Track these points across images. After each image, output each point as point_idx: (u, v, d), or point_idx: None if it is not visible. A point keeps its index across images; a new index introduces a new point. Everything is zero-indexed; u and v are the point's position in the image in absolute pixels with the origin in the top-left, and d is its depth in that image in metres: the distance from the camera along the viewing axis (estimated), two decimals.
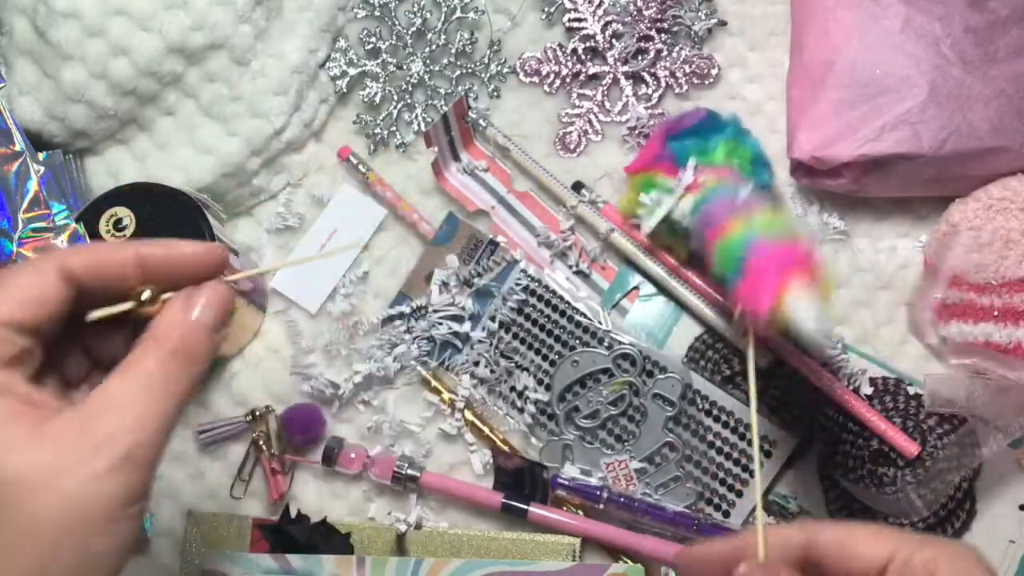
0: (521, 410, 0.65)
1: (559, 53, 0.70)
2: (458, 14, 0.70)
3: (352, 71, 0.70)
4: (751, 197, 0.56)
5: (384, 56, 0.70)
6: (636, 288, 0.67)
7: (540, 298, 0.66)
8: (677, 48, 0.70)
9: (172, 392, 0.38)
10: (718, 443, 0.63)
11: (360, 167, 0.69)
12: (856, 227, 0.67)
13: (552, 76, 0.70)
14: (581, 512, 0.63)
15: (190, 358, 0.39)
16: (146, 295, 0.40)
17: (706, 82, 0.70)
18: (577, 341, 0.65)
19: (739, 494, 0.63)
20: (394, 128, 0.70)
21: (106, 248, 0.41)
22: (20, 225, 0.59)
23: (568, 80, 0.70)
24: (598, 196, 0.68)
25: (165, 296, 0.40)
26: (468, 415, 0.65)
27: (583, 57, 0.70)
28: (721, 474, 0.63)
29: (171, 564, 0.64)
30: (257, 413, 0.65)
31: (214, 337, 0.40)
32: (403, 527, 0.63)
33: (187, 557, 0.63)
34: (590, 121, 0.70)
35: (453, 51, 0.70)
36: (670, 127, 0.63)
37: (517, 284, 0.66)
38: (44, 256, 0.40)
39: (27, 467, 0.35)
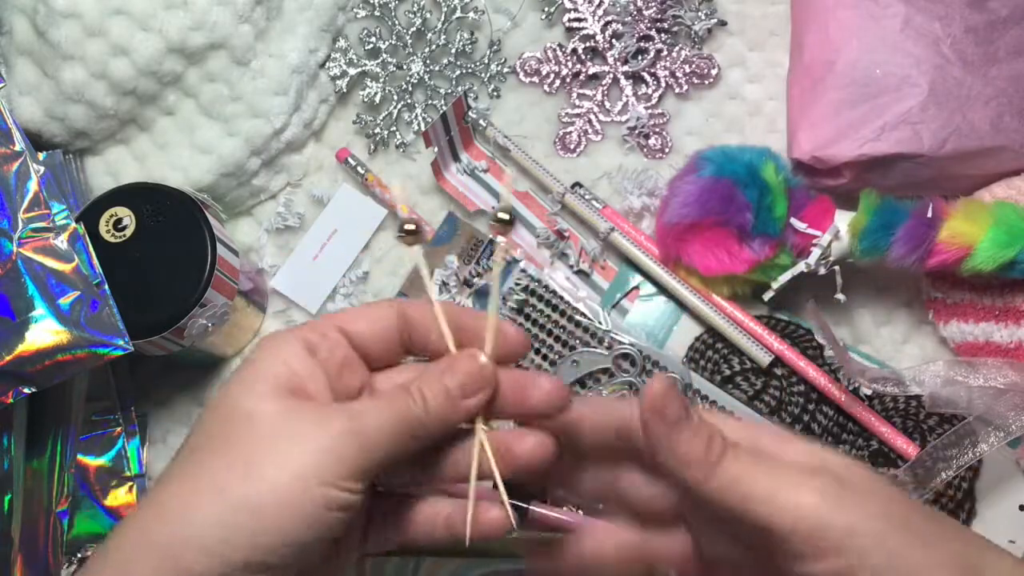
0: None
1: (559, 53, 0.70)
2: (458, 14, 0.70)
3: (352, 71, 0.70)
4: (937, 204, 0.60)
5: (384, 56, 0.70)
6: (636, 288, 0.67)
7: (540, 298, 0.66)
8: (677, 48, 0.70)
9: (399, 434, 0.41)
10: None
11: (358, 169, 0.69)
12: None
13: (552, 76, 0.70)
14: (581, 512, 0.63)
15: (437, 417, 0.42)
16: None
17: (706, 82, 0.70)
18: (577, 341, 0.65)
19: None
20: (394, 128, 0.70)
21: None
22: (20, 225, 0.59)
23: (568, 80, 0.70)
24: (594, 195, 0.68)
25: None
26: None
27: (583, 57, 0.70)
28: None
29: None
30: None
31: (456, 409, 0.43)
32: None
33: None
34: (590, 121, 0.70)
35: (453, 51, 0.70)
36: (703, 204, 0.61)
37: (517, 284, 0.66)
38: (391, 303, 0.43)
39: (269, 417, 0.39)
